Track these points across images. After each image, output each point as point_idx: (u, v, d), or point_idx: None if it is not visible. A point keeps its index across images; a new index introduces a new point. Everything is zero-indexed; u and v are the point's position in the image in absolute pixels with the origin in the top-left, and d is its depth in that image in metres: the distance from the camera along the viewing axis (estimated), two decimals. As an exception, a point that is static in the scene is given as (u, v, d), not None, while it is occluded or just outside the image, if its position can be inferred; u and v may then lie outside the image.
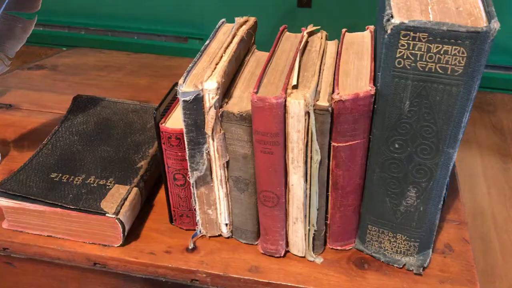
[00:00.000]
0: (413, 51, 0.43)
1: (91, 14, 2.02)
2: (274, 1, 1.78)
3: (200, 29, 1.93)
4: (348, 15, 1.74)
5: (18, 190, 0.60)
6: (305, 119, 0.47)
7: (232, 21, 0.61)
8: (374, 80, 0.48)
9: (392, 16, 0.43)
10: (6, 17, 0.63)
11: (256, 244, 0.59)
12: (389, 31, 0.43)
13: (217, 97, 0.49)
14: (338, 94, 0.47)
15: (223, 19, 0.61)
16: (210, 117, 0.50)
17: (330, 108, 0.47)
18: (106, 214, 0.56)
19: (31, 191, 0.60)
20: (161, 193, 0.68)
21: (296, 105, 0.47)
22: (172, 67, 1.11)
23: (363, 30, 0.59)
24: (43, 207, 0.58)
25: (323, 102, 0.47)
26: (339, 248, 0.58)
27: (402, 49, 0.43)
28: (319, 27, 0.59)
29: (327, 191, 0.54)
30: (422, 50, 0.43)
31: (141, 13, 1.95)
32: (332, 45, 0.58)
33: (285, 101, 0.47)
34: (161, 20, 1.95)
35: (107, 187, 0.61)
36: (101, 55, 1.15)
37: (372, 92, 0.47)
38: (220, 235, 0.61)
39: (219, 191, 0.56)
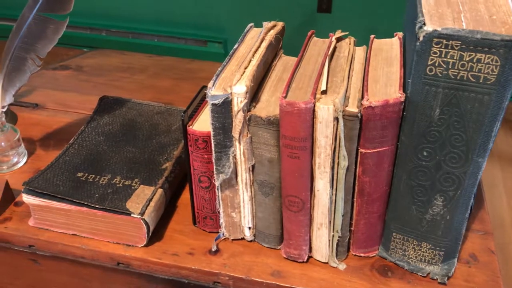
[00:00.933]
0: (445, 59, 0.43)
1: (112, 16, 2.04)
2: (294, 6, 1.79)
3: (219, 33, 1.94)
4: (368, 21, 1.74)
5: (45, 188, 0.61)
6: (334, 125, 0.47)
7: (255, 26, 0.61)
8: (404, 87, 0.48)
9: (424, 24, 0.43)
10: (39, 18, 0.64)
11: (279, 249, 0.59)
12: (421, 38, 0.43)
13: (246, 101, 0.49)
14: (367, 100, 0.46)
15: (251, 24, 0.61)
16: (238, 120, 0.50)
17: (359, 114, 0.47)
18: (132, 215, 0.57)
19: (57, 189, 0.61)
20: (184, 195, 0.68)
21: (325, 111, 0.47)
22: (194, 70, 1.11)
23: (383, 35, 0.59)
24: (69, 206, 0.59)
25: (353, 108, 0.47)
26: (362, 255, 0.58)
27: (434, 56, 0.43)
28: (347, 32, 0.59)
29: (353, 197, 0.53)
30: (455, 58, 0.43)
31: (161, 16, 1.97)
32: (360, 51, 0.57)
33: (314, 106, 0.47)
34: (182, 23, 1.97)
35: (133, 187, 0.61)
36: (124, 56, 1.16)
37: (402, 99, 0.46)
38: (243, 238, 0.61)
39: (244, 195, 0.56)
